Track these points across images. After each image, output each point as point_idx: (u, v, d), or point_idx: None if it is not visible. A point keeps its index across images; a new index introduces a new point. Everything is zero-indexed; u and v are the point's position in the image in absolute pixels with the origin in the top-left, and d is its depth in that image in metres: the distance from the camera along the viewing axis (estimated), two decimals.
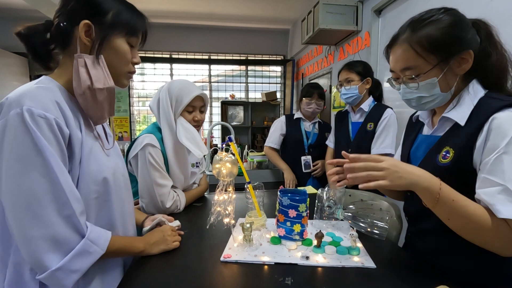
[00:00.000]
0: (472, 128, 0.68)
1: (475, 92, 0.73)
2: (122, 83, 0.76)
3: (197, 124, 1.29)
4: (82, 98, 0.67)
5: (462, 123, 0.71)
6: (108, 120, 0.81)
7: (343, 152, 0.79)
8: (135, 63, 0.76)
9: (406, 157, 0.89)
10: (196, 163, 1.42)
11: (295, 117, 2.18)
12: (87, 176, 0.67)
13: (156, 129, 1.25)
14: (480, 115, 0.68)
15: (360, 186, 0.70)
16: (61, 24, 0.66)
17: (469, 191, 0.67)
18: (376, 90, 1.78)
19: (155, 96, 1.28)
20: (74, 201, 0.60)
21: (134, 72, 0.77)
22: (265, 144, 2.23)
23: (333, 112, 3.31)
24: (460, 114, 0.72)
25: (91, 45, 0.67)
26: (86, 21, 0.65)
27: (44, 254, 0.57)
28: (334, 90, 3.29)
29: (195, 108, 1.28)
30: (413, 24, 0.74)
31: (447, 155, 0.72)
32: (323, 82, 3.62)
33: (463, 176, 0.69)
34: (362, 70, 1.73)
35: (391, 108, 1.67)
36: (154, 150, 1.18)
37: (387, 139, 1.61)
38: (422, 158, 0.81)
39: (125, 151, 1.25)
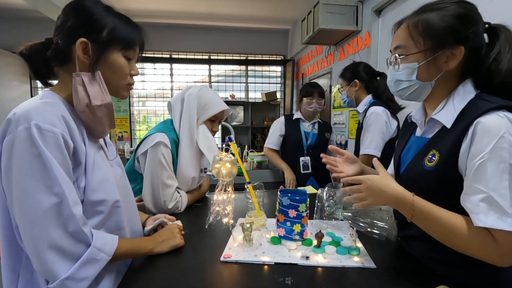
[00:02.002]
0: (458, 131, 0.65)
1: (465, 93, 0.70)
2: (121, 95, 0.79)
3: (213, 134, 1.34)
4: (83, 115, 0.69)
5: (449, 125, 0.68)
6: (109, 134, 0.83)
7: (331, 146, 0.98)
8: (134, 74, 0.78)
9: (397, 160, 0.87)
10: (204, 169, 1.42)
11: (294, 117, 2.17)
12: (94, 184, 0.68)
13: (168, 129, 1.25)
14: (466, 117, 0.65)
15: (354, 205, 0.79)
16: (60, 42, 0.68)
17: (454, 196, 0.66)
18: (371, 87, 1.73)
19: (178, 96, 1.31)
20: (78, 214, 0.62)
21: (133, 83, 0.79)
22: (265, 145, 2.23)
23: (333, 112, 3.32)
24: (447, 116, 0.70)
25: (88, 62, 0.69)
26: (83, 39, 0.67)
27: (53, 264, 0.59)
28: (334, 90, 3.29)
29: (216, 119, 1.34)
30: (422, 7, 0.73)
31: (433, 158, 0.70)
32: (323, 82, 3.62)
33: (448, 181, 0.67)
34: (348, 74, 1.75)
35: (380, 106, 1.60)
36: (166, 150, 1.18)
37: (367, 140, 1.58)
38: (409, 160, 0.79)
39: (125, 150, 1.25)
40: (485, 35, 0.72)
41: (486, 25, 0.71)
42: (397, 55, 0.74)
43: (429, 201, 0.70)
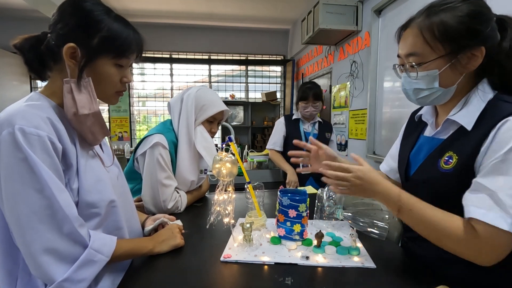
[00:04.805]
0: (480, 133, 0.63)
1: (484, 93, 0.67)
2: (110, 102, 0.76)
3: (212, 136, 1.32)
4: (72, 123, 0.68)
5: (469, 127, 0.65)
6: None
7: (312, 139, 0.95)
8: (125, 82, 0.75)
9: (406, 160, 0.84)
10: (204, 170, 1.42)
11: (293, 117, 2.17)
12: (88, 185, 0.67)
13: (167, 130, 1.26)
14: (489, 120, 0.62)
15: (330, 187, 0.78)
16: (51, 41, 0.66)
17: None
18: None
19: (177, 97, 1.30)
20: (72, 215, 0.61)
21: (123, 90, 0.76)
22: (268, 147, 2.22)
23: (333, 112, 3.31)
24: (468, 117, 0.66)
25: (77, 67, 0.66)
26: (71, 44, 0.64)
27: (49, 267, 0.58)
28: (334, 90, 3.29)
29: (215, 120, 1.32)
30: (430, 8, 0.68)
31: (450, 160, 0.67)
32: (323, 82, 3.62)
33: (465, 183, 0.64)
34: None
35: None
36: (164, 151, 1.18)
37: None
38: (422, 161, 0.77)
39: (125, 150, 1.26)
40: None
41: (494, 18, 0.67)
42: (413, 63, 0.69)
43: (446, 204, 0.68)
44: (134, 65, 4.83)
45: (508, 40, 0.66)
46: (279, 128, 2.18)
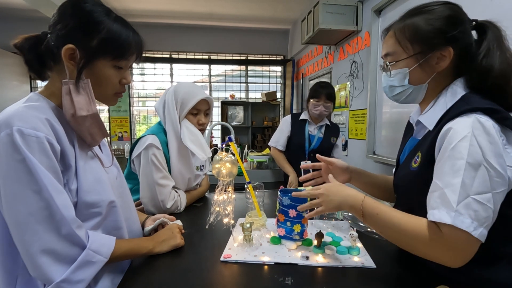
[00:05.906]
0: (435, 132, 0.66)
1: (454, 93, 0.69)
2: (109, 104, 0.76)
3: (202, 128, 1.30)
4: (71, 124, 0.68)
5: (431, 127, 0.69)
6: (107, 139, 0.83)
7: (319, 156, 1.00)
8: (124, 83, 0.75)
9: (397, 162, 0.87)
10: (201, 166, 1.42)
11: (300, 117, 2.12)
12: (87, 186, 0.67)
13: (161, 130, 1.26)
14: (446, 119, 0.65)
15: (306, 215, 0.81)
16: (51, 41, 0.66)
17: None
18: None
19: (161, 98, 1.30)
20: (69, 217, 0.61)
21: (122, 92, 0.76)
22: (270, 144, 2.18)
23: (333, 112, 3.31)
24: (432, 117, 0.70)
25: (75, 69, 0.66)
26: (70, 45, 0.64)
27: (47, 268, 0.58)
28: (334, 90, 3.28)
29: (200, 111, 1.29)
30: (408, 12, 0.74)
31: (417, 159, 0.71)
32: None
33: (427, 181, 0.66)
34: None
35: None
36: (158, 151, 1.19)
37: None
38: (402, 162, 0.81)
39: (125, 149, 1.26)
40: (474, 33, 0.72)
41: (474, 23, 0.71)
42: (387, 62, 0.75)
43: (413, 201, 0.71)
44: (134, 65, 4.80)
45: (487, 42, 0.68)
46: (284, 127, 2.13)
